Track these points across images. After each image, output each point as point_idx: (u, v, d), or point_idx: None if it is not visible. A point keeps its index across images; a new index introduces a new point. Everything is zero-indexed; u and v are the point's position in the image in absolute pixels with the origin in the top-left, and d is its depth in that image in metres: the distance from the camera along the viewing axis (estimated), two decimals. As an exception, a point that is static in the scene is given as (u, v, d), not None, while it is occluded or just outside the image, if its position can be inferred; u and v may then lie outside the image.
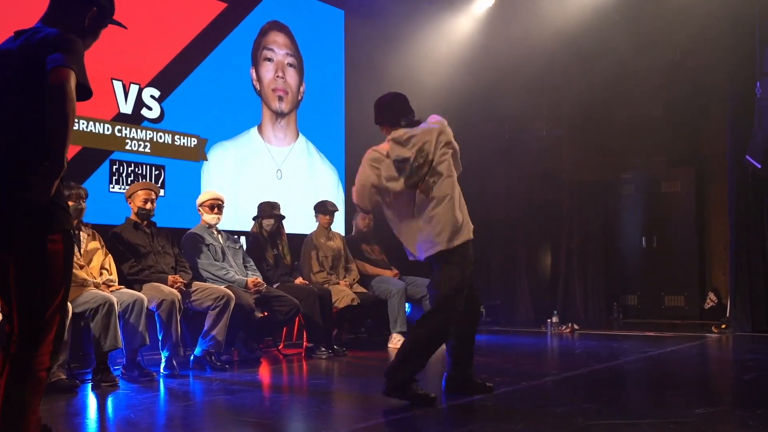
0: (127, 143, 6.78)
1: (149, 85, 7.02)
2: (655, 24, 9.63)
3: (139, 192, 5.86)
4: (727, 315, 8.90)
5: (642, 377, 5.87)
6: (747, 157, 8.40)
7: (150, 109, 7.01)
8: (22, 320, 2.69)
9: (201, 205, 6.45)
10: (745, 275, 8.71)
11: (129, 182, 6.67)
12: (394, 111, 4.54)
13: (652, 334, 8.53)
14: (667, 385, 5.28)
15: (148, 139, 6.94)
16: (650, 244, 10.54)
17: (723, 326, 8.65)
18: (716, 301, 9.66)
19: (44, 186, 2.63)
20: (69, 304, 4.19)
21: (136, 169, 6.83)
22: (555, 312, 9.35)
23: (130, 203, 5.88)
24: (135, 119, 6.87)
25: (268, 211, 6.96)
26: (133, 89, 6.88)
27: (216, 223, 6.45)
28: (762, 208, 8.95)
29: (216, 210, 6.42)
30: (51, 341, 2.72)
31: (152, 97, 7.03)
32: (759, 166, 8.30)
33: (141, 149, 6.87)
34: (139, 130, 6.88)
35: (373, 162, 4.49)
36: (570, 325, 8.99)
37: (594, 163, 10.46)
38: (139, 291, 5.46)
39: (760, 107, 7.96)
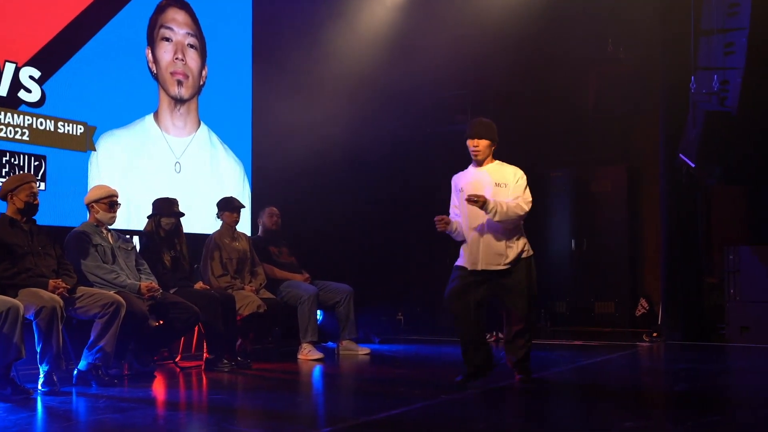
0: (2, 130, 6.56)
1: (28, 63, 6.81)
2: (585, 13, 9.85)
3: (24, 185, 5.66)
4: (659, 323, 9.18)
5: (570, 389, 5.99)
6: (680, 155, 8.65)
7: (29, 91, 6.80)
8: None
9: (96, 201, 6.25)
10: (678, 281, 8.99)
11: (3, 174, 6.45)
12: None
13: (581, 342, 8.73)
14: (596, 397, 5.41)
15: (26, 125, 6.74)
16: (580, 247, 10.80)
17: (654, 334, 8.92)
18: (648, 308, 9.95)
19: None
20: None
21: (12, 159, 6.62)
22: (479, 320, 9.43)
23: (8, 199, 5.65)
24: (11, 103, 6.66)
25: (167, 208, 6.82)
26: (9, 68, 6.67)
27: (111, 223, 6.30)
28: (696, 210, 9.23)
29: (114, 208, 6.27)
30: None
31: (31, 77, 6.83)
32: (693, 165, 8.55)
33: (18, 137, 6.67)
34: (15, 116, 6.68)
35: None
36: (494, 333, 9.10)
37: (519, 160, 10.60)
38: (15, 297, 5.28)
39: (694, 102, 8.20)
